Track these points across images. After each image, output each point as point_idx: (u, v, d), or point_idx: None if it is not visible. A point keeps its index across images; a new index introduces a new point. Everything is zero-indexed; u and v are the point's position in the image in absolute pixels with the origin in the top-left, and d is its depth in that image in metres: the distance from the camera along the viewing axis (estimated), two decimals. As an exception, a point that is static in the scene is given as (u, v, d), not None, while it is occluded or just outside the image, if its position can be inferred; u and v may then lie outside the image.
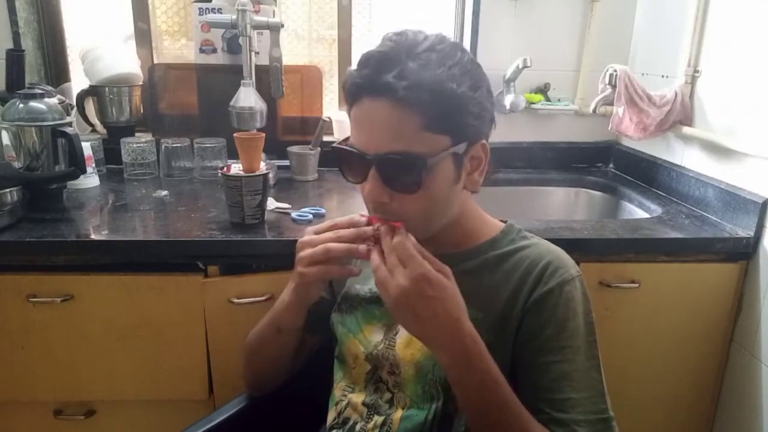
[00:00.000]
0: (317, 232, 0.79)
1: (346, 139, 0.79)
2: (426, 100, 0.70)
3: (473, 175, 0.80)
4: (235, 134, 1.20)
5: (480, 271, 0.83)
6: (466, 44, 1.77)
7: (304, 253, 0.78)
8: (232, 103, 1.53)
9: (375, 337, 0.85)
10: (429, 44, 0.73)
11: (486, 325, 0.78)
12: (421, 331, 0.70)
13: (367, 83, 0.73)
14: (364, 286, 0.90)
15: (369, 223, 0.76)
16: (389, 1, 1.93)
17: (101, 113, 1.75)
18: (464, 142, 0.75)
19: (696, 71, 1.51)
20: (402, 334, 0.82)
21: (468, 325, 0.70)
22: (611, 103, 1.64)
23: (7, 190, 1.23)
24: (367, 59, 0.74)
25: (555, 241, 0.87)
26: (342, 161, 0.79)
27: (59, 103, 1.47)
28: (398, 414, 0.82)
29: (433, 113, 0.71)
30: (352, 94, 0.75)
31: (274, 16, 1.67)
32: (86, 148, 1.48)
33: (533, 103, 1.82)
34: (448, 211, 0.80)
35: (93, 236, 1.22)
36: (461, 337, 0.69)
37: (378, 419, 0.82)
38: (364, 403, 0.85)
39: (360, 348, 0.86)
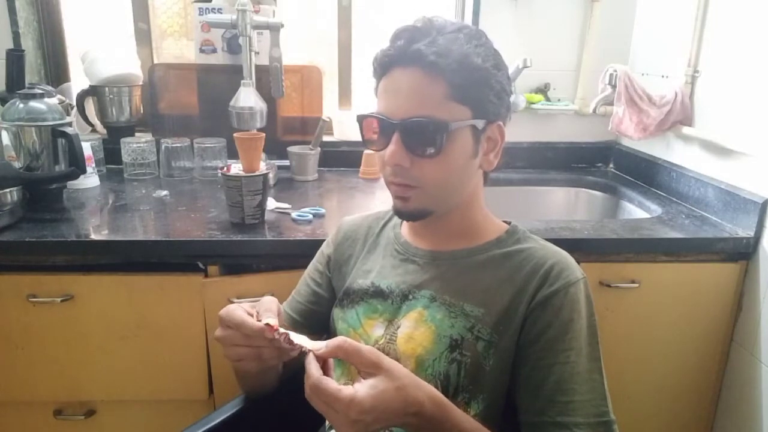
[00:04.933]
0: (227, 323, 0.73)
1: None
2: (453, 69, 0.75)
3: (489, 155, 0.84)
4: (235, 134, 1.20)
5: (484, 268, 0.83)
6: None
7: (230, 353, 0.75)
8: (232, 103, 1.53)
9: (376, 331, 0.85)
10: (457, 27, 0.79)
11: (487, 321, 0.78)
12: (391, 425, 0.67)
13: (399, 53, 0.77)
14: (366, 280, 0.90)
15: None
16: (389, 1, 1.93)
17: (101, 113, 1.75)
18: (483, 119, 0.79)
19: (696, 71, 1.51)
20: (403, 329, 0.82)
21: (421, 395, 0.67)
22: (611, 103, 1.64)
23: (7, 190, 1.23)
24: (400, 32, 0.79)
25: (555, 241, 0.87)
26: (366, 129, 0.82)
27: (59, 103, 1.47)
28: None
29: (458, 83, 0.76)
30: (384, 66, 0.79)
31: (274, 16, 1.67)
32: (86, 148, 1.48)
33: (533, 103, 1.82)
34: (463, 185, 0.83)
35: (93, 236, 1.22)
36: (422, 413, 0.67)
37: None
38: None
39: (360, 343, 0.86)
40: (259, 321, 0.72)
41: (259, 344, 0.72)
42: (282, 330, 0.70)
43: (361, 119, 0.82)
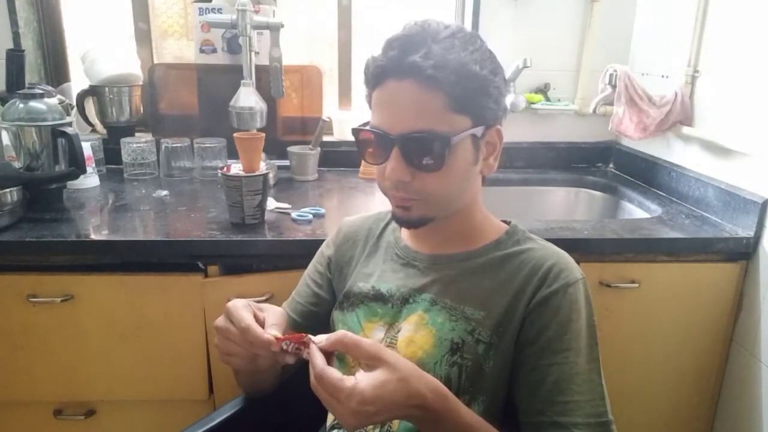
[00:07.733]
0: (231, 319, 0.73)
1: (366, 123, 0.80)
2: (451, 81, 0.73)
3: (488, 159, 0.83)
4: (235, 134, 1.20)
5: (484, 271, 0.83)
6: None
7: (223, 346, 0.75)
8: (232, 103, 1.53)
9: (376, 335, 0.85)
10: (451, 31, 0.76)
11: (488, 324, 0.78)
12: (394, 417, 0.69)
13: (392, 65, 0.74)
14: (366, 283, 0.90)
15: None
16: (389, 1, 1.93)
17: (101, 113, 1.75)
18: (482, 126, 0.78)
19: (696, 71, 1.51)
20: (404, 332, 0.82)
21: (423, 387, 0.67)
22: (611, 103, 1.64)
23: (7, 190, 1.23)
24: (392, 42, 0.76)
25: (555, 241, 0.87)
26: (363, 144, 0.81)
27: (59, 103, 1.47)
28: None
29: (457, 94, 0.74)
30: (376, 76, 0.77)
31: (274, 16, 1.67)
32: (86, 148, 1.48)
33: (533, 103, 1.82)
34: (465, 192, 0.83)
35: (93, 236, 1.22)
36: (425, 406, 0.67)
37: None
38: None
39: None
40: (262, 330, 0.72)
41: (257, 352, 0.72)
42: (288, 341, 0.70)
43: (357, 132, 0.80)
